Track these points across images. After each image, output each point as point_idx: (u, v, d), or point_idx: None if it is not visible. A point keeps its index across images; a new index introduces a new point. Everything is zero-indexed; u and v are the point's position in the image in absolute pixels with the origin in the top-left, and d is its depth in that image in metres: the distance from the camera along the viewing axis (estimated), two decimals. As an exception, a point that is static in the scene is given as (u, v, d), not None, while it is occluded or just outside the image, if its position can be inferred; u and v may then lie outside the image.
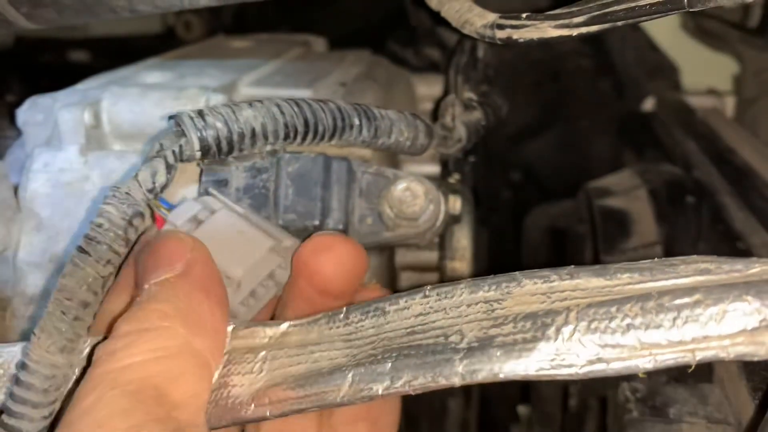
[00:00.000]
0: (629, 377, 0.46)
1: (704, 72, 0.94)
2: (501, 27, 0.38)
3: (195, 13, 1.00)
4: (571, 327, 0.27)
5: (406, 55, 0.79)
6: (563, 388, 0.58)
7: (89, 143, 0.45)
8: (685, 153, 0.69)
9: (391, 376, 0.29)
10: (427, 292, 0.31)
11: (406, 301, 0.31)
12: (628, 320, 0.26)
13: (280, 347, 0.33)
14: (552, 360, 0.27)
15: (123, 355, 0.29)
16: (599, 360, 0.26)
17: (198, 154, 0.34)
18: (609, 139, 0.88)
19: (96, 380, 0.29)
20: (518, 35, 0.38)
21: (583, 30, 0.35)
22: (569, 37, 0.36)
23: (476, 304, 0.30)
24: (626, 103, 0.90)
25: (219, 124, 0.34)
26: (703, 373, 0.46)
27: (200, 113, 0.35)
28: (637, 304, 0.26)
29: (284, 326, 0.34)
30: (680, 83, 0.93)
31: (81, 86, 0.50)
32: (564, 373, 0.27)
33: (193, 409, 0.30)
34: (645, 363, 0.26)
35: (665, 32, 0.94)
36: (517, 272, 0.30)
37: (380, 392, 0.29)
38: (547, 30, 0.36)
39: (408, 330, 0.30)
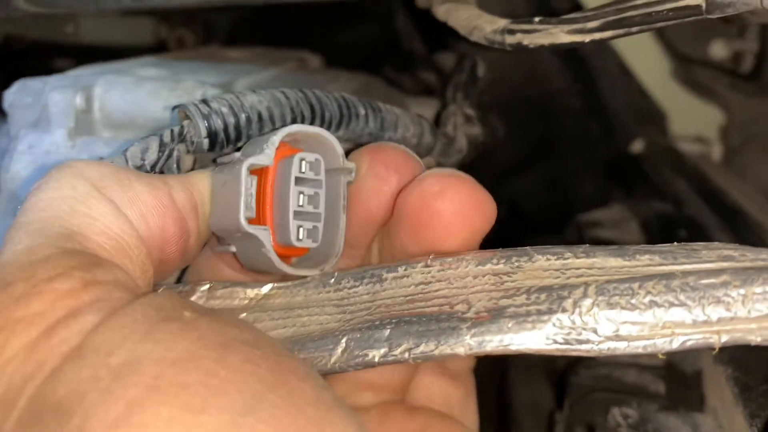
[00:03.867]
0: (620, 402, 0.44)
1: (692, 121, 0.95)
2: (511, 32, 0.38)
3: (188, 28, 0.99)
4: (589, 301, 0.25)
5: (401, 80, 0.79)
6: (548, 416, 0.57)
7: (78, 128, 0.44)
8: (675, 192, 0.69)
9: (389, 342, 0.27)
10: (429, 262, 0.30)
11: (405, 269, 0.30)
12: (650, 297, 0.25)
13: (263, 309, 0.31)
14: (568, 334, 0.25)
15: (33, 194, 0.27)
16: (618, 337, 0.25)
17: (206, 142, 0.33)
18: (596, 178, 0.88)
19: None
20: (529, 41, 0.37)
21: (597, 36, 0.35)
22: (581, 43, 0.36)
23: (483, 276, 0.28)
24: (615, 145, 0.90)
25: (224, 110, 0.33)
26: (695, 402, 0.45)
27: (204, 101, 0.33)
28: (661, 282, 0.25)
29: (267, 288, 0.32)
30: (668, 130, 0.94)
31: (72, 73, 0.49)
32: (580, 348, 0.25)
33: (114, 252, 0.27)
34: (665, 343, 0.25)
35: (655, 79, 0.96)
36: (527, 247, 0.29)
37: (377, 360, 0.27)
38: (559, 35, 0.36)
39: (407, 298, 0.29)
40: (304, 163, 0.32)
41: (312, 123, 0.35)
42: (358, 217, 0.33)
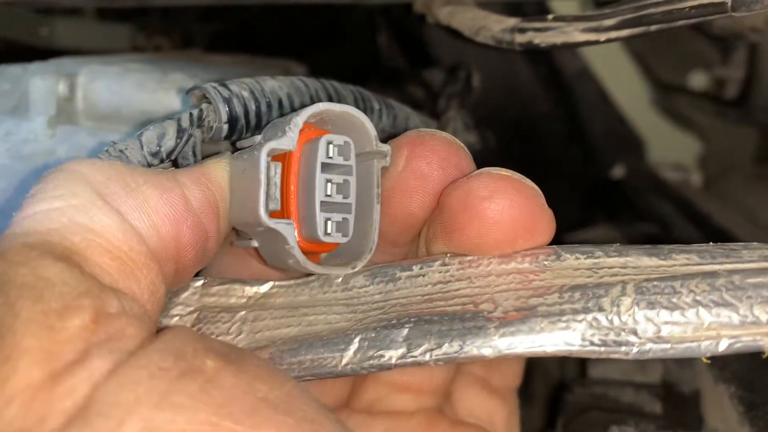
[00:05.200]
0: (618, 421, 0.43)
1: (670, 148, 0.95)
2: (522, 31, 0.37)
3: (166, 37, 0.97)
4: (628, 300, 0.24)
5: (387, 95, 0.78)
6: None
7: (59, 116, 0.41)
8: (661, 215, 0.68)
9: (408, 342, 0.25)
10: (447, 260, 0.27)
11: (421, 268, 0.28)
12: (693, 296, 0.23)
13: (263, 308, 0.28)
14: (606, 335, 0.23)
15: (29, 202, 0.25)
16: (660, 339, 0.23)
17: (225, 128, 0.30)
18: (578, 202, 0.88)
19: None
20: (540, 39, 0.36)
21: (613, 35, 0.34)
22: (596, 42, 0.34)
23: (508, 275, 0.26)
24: (595, 170, 0.90)
25: (245, 94, 0.30)
26: (693, 422, 0.44)
27: (223, 84, 0.31)
28: (704, 280, 0.24)
29: (266, 286, 0.29)
30: (646, 157, 0.94)
31: (54, 60, 0.46)
32: (618, 350, 0.23)
33: (118, 276, 0.24)
34: (711, 345, 0.23)
35: (635, 107, 0.96)
36: (553, 246, 0.27)
37: (394, 361, 0.25)
38: (573, 34, 0.35)
39: (425, 297, 0.26)
40: (331, 146, 0.28)
41: None
42: (399, 218, 0.30)
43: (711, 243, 0.26)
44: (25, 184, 0.40)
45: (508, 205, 0.27)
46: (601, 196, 0.85)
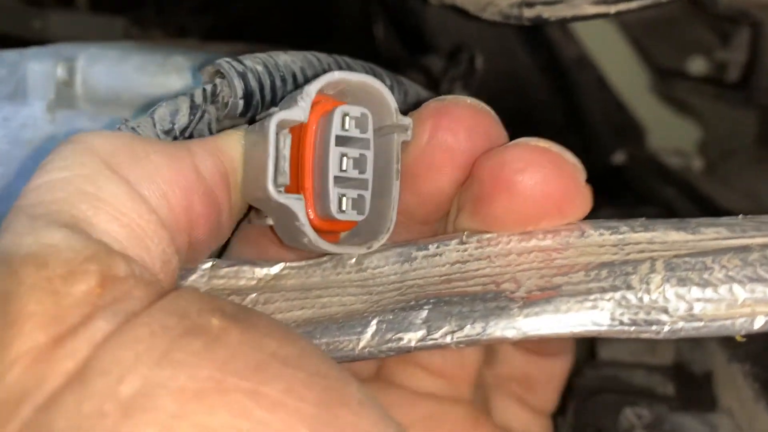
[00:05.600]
0: (633, 402, 0.42)
1: (670, 135, 0.95)
2: (530, 5, 0.36)
3: (162, 29, 0.96)
4: (658, 277, 0.23)
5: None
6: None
7: (59, 101, 0.41)
8: (665, 199, 0.68)
9: (428, 324, 0.24)
10: (464, 239, 0.27)
11: (437, 247, 0.27)
12: (726, 272, 0.23)
13: (275, 290, 0.28)
14: (635, 314, 0.23)
15: (37, 174, 0.24)
16: (692, 317, 0.23)
17: (241, 104, 0.29)
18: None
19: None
20: (549, 13, 0.35)
21: (623, 6, 0.33)
22: (606, 15, 0.34)
23: (529, 253, 0.25)
24: (596, 157, 0.89)
25: (259, 68, 0.29)
26: (706, 403, 0.43)
27: (236, 58, 0.30)
28: (737, 255, 0.23)
29: (277, 268, 0.28)
30: (646, 144, 0.94)
31: (52, 45, 0.46)
32: (649, 330, 0.23)
33: (127, 243, 0.23)
34: (746, 323, 0.22)
35: (633, 93, 0.96)
36: (577, 221, 0.26)
37: (413, 344, 0.24)
38: (583, 7, 0.34)
39: (443, 278, 0.26)
40: (347, 118, 0.27)
41: None
42: (430, 196, 0.28)
43: (740, 215, 0.25)
44: (25, 170, 0.39)
45: (541, 179, 0.26)
46: (602, 183, 0.85)
